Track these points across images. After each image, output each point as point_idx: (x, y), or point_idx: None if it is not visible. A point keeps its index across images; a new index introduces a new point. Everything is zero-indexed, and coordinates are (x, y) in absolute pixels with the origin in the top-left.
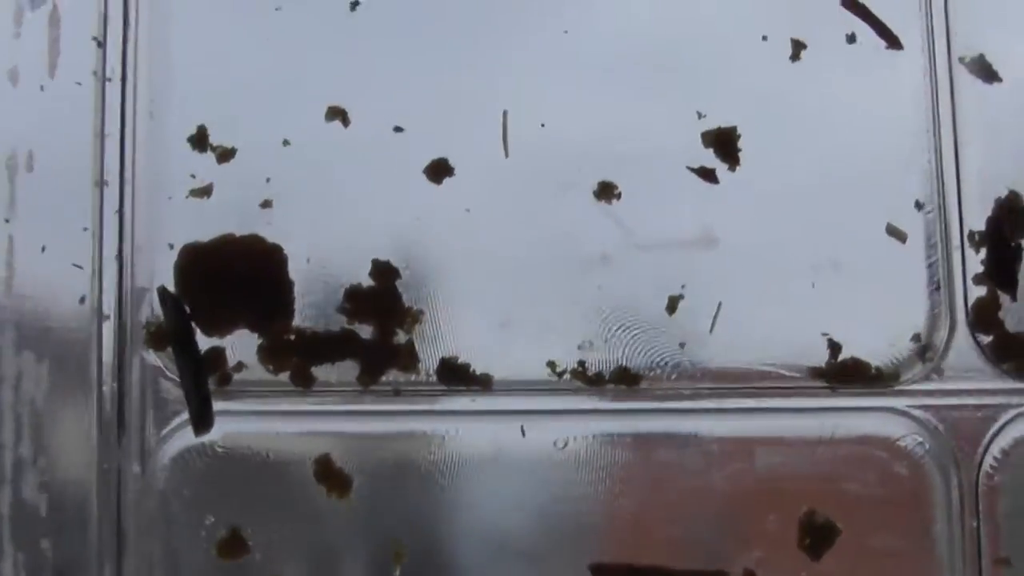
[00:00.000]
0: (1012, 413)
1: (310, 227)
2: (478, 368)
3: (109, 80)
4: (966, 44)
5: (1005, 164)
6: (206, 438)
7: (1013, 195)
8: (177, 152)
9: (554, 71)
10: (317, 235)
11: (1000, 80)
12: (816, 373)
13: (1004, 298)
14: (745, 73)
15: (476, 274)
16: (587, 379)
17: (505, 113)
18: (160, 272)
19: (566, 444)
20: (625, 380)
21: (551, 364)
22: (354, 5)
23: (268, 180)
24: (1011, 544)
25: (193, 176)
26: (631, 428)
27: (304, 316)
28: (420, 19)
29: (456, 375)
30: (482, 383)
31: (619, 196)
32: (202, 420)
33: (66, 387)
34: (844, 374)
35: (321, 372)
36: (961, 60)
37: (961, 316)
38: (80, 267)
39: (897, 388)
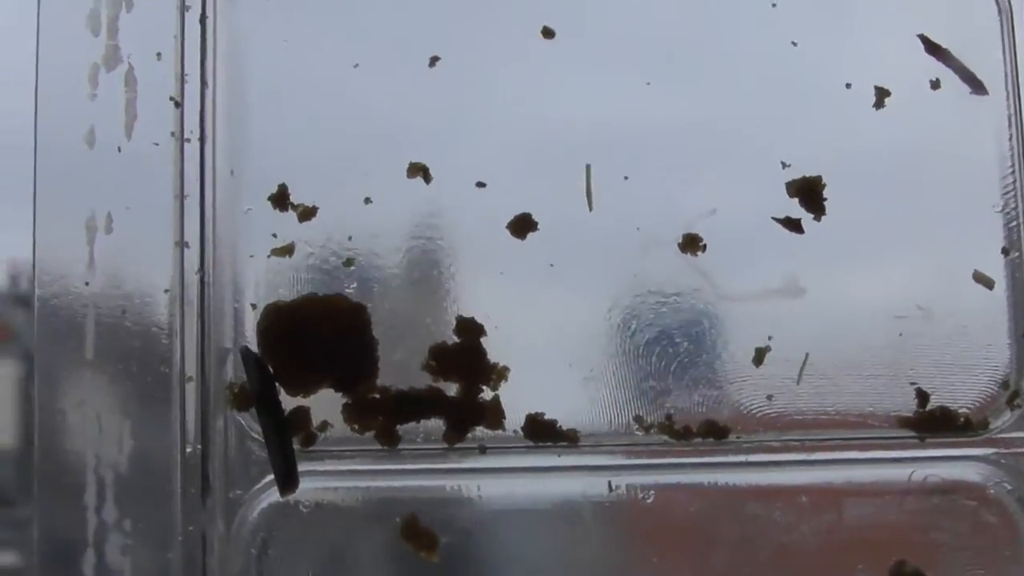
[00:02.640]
0: None
1: (393, 284)
2: (564, 424)
3: (187, 140)
4: None
5: None
6: (291, 498)
7: None
8: (258, 211)
9: (636, 125)
10: (401, 293)
11: None
12: (904, 423)
13: None
14: (829, 121)
15: (560, 329)
16: (674, 432)
17: (588, 167)
18: (242, 332)
19: (653, 498)
20: (713, 433)
21: (638, 418)
22: (433, 60)
23: (350, 238)
24: None
25: (275, 235)
26: (720, 481)
27: (389, 375)
28: (500, 72)
29: (543, 431)
30: (569, 438)
31: (704, 248)
32: (287, 480)
33: (150, 450)
34: (932, 423)
35: (406, 431)
36: None
37: None
38: (161, 329)
39: (986, 436)
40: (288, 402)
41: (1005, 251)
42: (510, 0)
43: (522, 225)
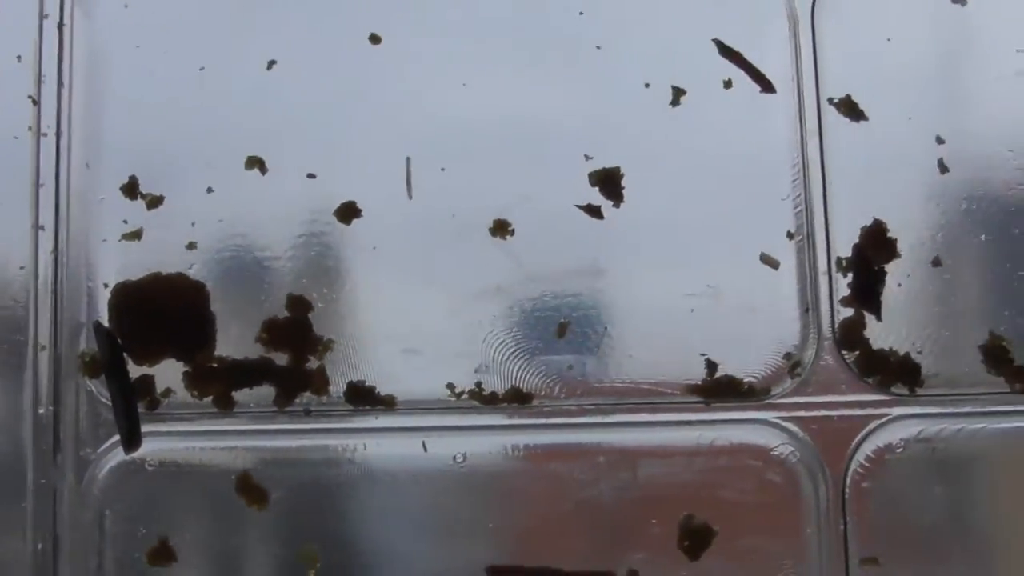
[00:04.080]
0: (876, 423)
1: (231, 267)
2: (383, 390)
3: (44, 135)
4: (835, 86)
5: (871, 195)
6: (137, 456)
7: (877, 223)
8: (111, 200)
9: (454, 120)
10: (238, 273)
11: (866, 119)
12: (693, 389)
13: (870, 318)
14: (629, 118)
15: (382, 306)
16: (483, 398)
17: (408, 159)
18: (96, 308)
19: (464, 458)
20: (518, 399)
21: (450, 386)
22: (271, 64)
23: (193, 224)
24: (878, 545)
25: (125, 222)
26: (524, 443)
27: (227, 346)
28: (331, 75)
29: (362, 396)
30: (386, 403)
31: (512, 233)
32: (131, 439)
33: (5, 411)
34: (718, 390)
35: (241, 396)
36: (830, 101)
37: (829, 335)
38: (17, 302)
39: (768, 402)
40: (136, 371)
41: (790, 235)
42: (342, 10)
43: (347, 212)
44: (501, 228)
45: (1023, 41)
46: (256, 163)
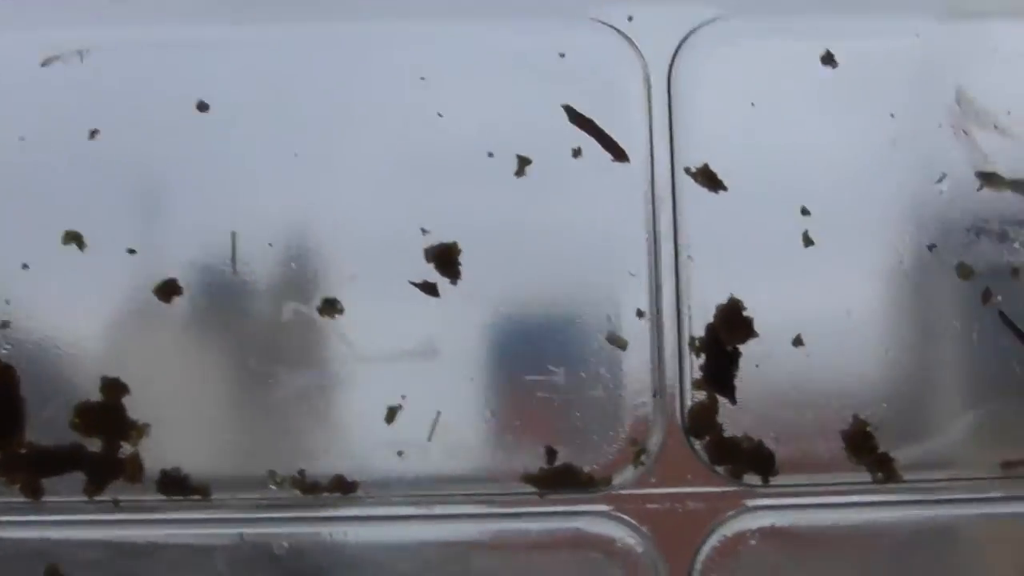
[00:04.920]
0: (726, 514)
1: (45, 347)
2: (198, 478)
3: None
4: (692, 154)
5: (728, 271)
6: None
7: (732, 301)
8: None
9: (281, 194)
10: (51, 354)
11: (725, 189)
12: (528, 479)
13: (723, 402)
14: (470, 189)
15: (202, 388)
16: (304, 487)
17: (234, 234)
18: None
19: (285, 551)
20: (341, 488)
21: (272, 473)
22: (93, 133)
23: (8, 302)
24: None
25: None
26: (349, 535)
27: (39, 431)
28: (155, 146)
29: (174, 485)
30: (200, 492)
31: (341, 311)
32: None
33: None
34: (555, 479)
35: (51, 484)
36: (687, 171)
37: (678, 420)
38: None
39: (610, 492)
40: None
41: (640, 313)
42: (169, 79)
43: (168, 290)
44: (330, 307)
45: (896, 106)
46: (73, 238)
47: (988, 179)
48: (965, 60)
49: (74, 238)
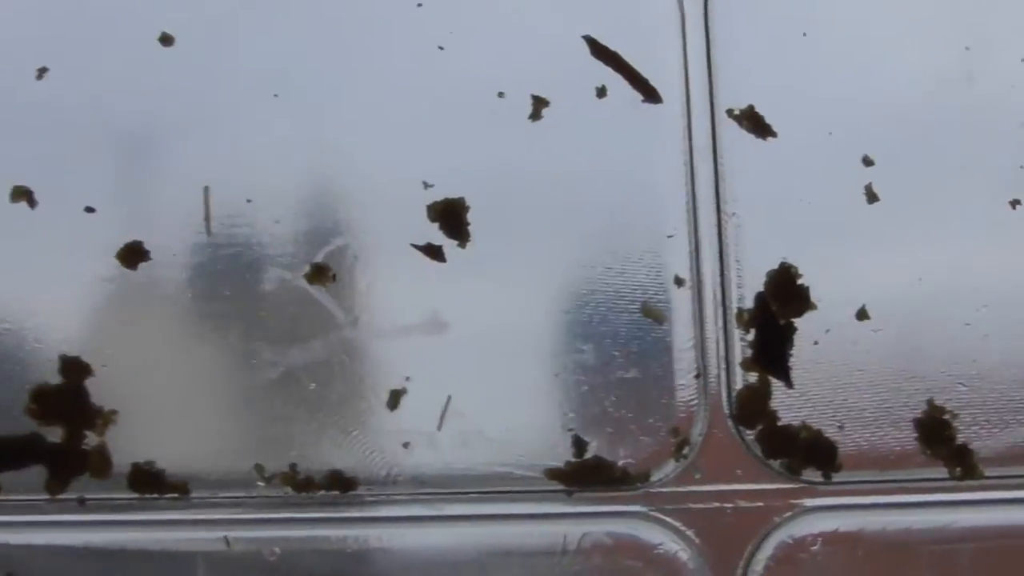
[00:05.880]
0: (781, 516)
1: None
2: (175, 473)
3: None
4: (735, 95)
5: (779, 231)
6: None
7: (784, 267)
8: None
9: (259, 139)
10: (1, 329)
11: (774, 135)
12: (554, 474)
13: (776, 385)
14: (478, 135)
15: (176, 368)
16: (297, 484)
17: (207, 189)
18: None
19: (276, 556)
20: (338, 485)
21: (259, 467)
22: (42, 72)
23: None
24: None
25: None
26: (347, 538)
27: None
28: (114, 87)
29: (148, 482)
30: (179, 489)
31: (334, 279)
32: None
33: None
34: (585, 475)
35: (8, 480)
36: (729, 113)
37: (724, 407)
38: None
39: (648, 490)
40: None
41: (679, 281)
42: (128, 6)
43: (132, 255)
44: (320, 274)
45: (973, 37)
46: (23, 195)
47: None
48: None
49: (23, 194)
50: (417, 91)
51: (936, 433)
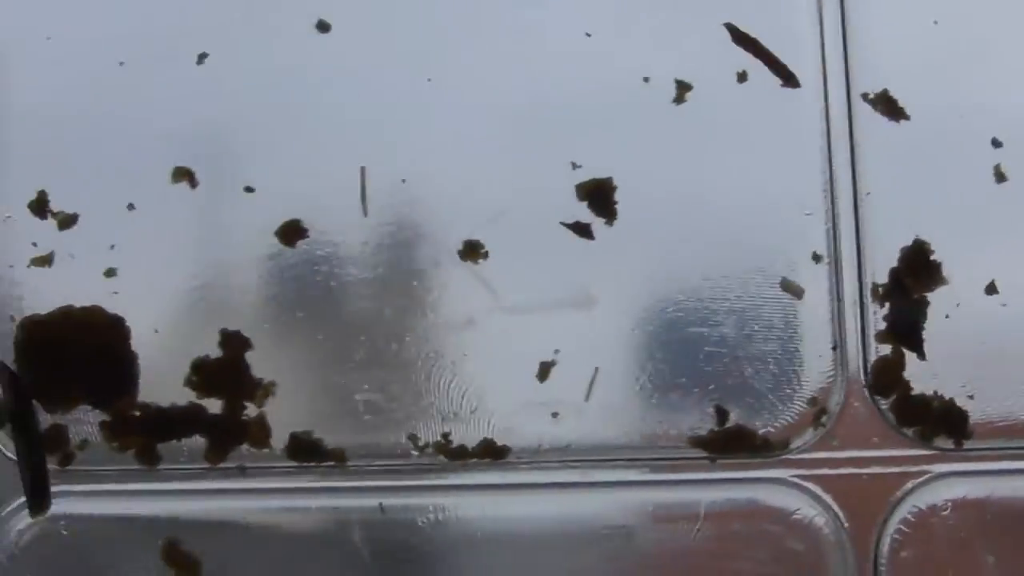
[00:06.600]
0: (914, 482)
1: (156, 296)
2: (331, 443)
3: None
4: (869, 79)
5: (913, 210)
6: (44, 520)
7: (918, 244)
8: (17, 219)
9: (414, 122)
10: (163, 304)
11: (907, 118)
12: (697, 442)
13: (910, 356)
14: (624, 118)
15: (333, 342)
16: (450, 452)
17: (363, 169)
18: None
19: (429, 523)
20: (491, 453)
21: (412, 437)
22: (202, 57)
23: (112, 247)
24: None
25: (34, 244)
26: (499, 505)
27: (151, 391)
28: (272, 70)
29: (307, 451)
30: (335, 458)
31: (486, 256)
32: (38, 500)
33: None
34: (727, 442)
35: (168, 449)
36: (864, 97)
37: (860, 377)
38: None
39: (787, 457)
40: (46, 420)
41: (816, 257)
42: None
43: (291, 232)
44: (472, 251)
45: None
46: (184, 175)
47: None
48: None
49: (185, 175)
50: (565, 76)
51: None
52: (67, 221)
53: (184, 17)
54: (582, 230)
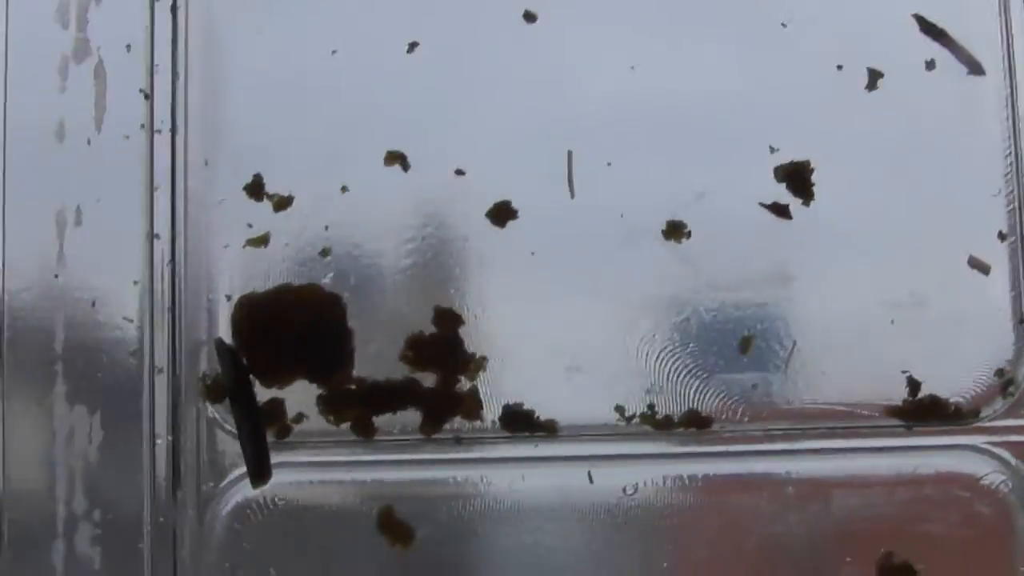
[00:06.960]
0: None
1: (371, 276)
2: (543, 414)
3: (159, 132)
4: None
5: None
6: (264, 490)
7: None
8: (232, 201)
9: (620, 109)
10: (378, 283)
11: None
12: (893, 412)
13: None
14: (819, 104)
15: (542, 319)
16: (656, 423)
17: (570, 153)
18: (216, 324)
19: (635, 490)
20: (695, 423)
21: (619, 409)
22: (412, 46)
23: (327, 228)
24: None
25: (250, 225)
26: (702, 472)
27: (366, 365)
28: (480, 59)
29: (520, 422)
30: (547, 429)
31: (688, 235)
32: (259, 472)
33: (119, 441)
34: (921, 412)
35: (382, 422)
36: None
37: None
38: (130, 320)
39: (977, 425)
40: (263, 393)
41: (1002, 236)
42: None
43: (502, 213)
44: (676, 231)
45: None
46: (397, 158)
47: None
48: None
49: (397, 158)
50: (763, 64)
51: None
52: (282, 203)
53: (394, 8)
54: (780, 210)
